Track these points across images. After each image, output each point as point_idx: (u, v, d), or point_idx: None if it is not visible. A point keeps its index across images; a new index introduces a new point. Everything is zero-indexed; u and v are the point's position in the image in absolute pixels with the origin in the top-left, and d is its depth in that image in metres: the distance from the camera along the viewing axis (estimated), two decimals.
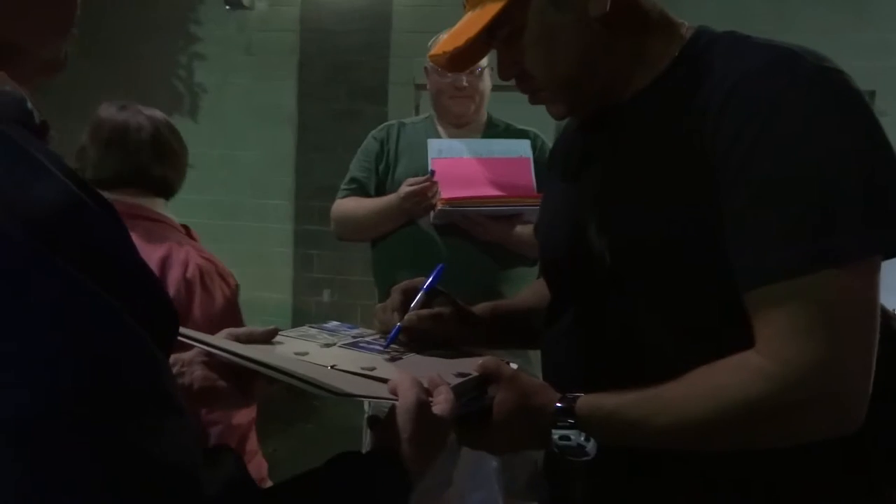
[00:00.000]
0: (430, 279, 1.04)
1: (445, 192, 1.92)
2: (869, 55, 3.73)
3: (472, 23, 0.89)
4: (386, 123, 2.19)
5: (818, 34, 3.34)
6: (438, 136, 2.08)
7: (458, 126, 2.09)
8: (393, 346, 0.97)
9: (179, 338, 0.70)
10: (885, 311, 0.81)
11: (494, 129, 2.12)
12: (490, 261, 1.95)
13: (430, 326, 1.00)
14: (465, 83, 2.01)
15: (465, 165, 1.99)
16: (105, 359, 0.44)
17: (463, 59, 0.96)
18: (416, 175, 1.96)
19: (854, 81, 0.78)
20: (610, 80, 0.90)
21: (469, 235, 1.95)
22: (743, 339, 0.77)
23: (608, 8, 0.84)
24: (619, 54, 0.88)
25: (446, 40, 0.93)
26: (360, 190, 2.08)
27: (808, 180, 0.74)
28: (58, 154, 0.50)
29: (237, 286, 1.63)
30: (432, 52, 0.99)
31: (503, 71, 0.93)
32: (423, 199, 1.93)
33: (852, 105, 0.77)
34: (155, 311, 0.50)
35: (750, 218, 0.76)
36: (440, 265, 1.07)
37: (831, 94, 0.77)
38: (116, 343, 0.45)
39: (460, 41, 0.90)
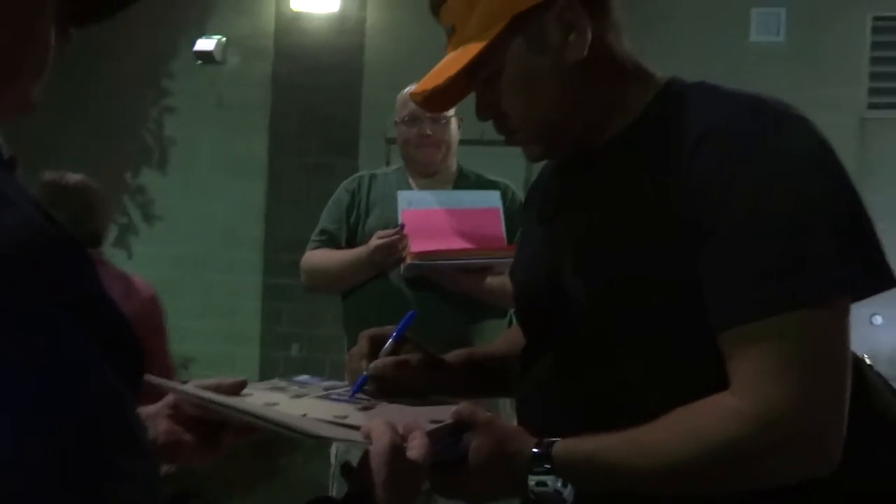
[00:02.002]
0: (400, 326, 1.03)
1: (415, 245, 1.92)
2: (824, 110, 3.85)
3: (452, 62, 0.90)
4: (357, 174, 2.20)
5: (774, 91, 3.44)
6: (409, 188, 2.09)
7: (427, 175, 2.10)
8: (363, 396, 0.95)
9: (150, 380, 0.70)
10: (856, 358, 0.81)
11: (465, 181, 2.13)
12: (461, 313, 1.94)
13: (397, 374, 0.97)
14: (428, 132, 2.03)
15: (435, 217, 1.99)
16: (86, 406, 0.44)
17: (442, 98, 0.96)
18: (388, 226, 1.96)
19: (818, 128, 0.81)
20: (586, 125, 0.91)
21: (439, 288, 1.94)
22: (722, 380, 0.77)
23: (584, 55, 0.86)
24: (596, 100, 0.90)
25: (427, 79, 0.94)
26: (331, 241, 2.07)
27: (779, 222, 0.76)
28: (26, 188, 0.49)
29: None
30: (413, 90, 1.00)
31: (481, 111, 0.94)
32: (393, 252, 1.92)
33: (818, 150, 0.80)
34: (124, 350, 0.49)
35: (723, 259, 0.77)
36: (411, 312, 1.05)
37: (798, 139, 0.80)
38: (97, 390, 0.45)
39: (440, 80, 0.90)
